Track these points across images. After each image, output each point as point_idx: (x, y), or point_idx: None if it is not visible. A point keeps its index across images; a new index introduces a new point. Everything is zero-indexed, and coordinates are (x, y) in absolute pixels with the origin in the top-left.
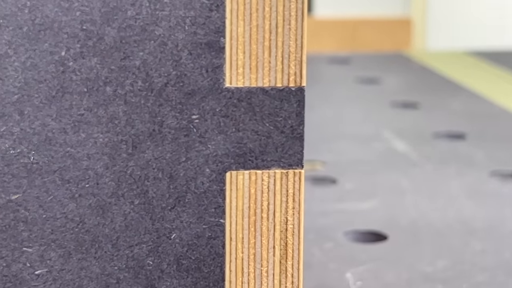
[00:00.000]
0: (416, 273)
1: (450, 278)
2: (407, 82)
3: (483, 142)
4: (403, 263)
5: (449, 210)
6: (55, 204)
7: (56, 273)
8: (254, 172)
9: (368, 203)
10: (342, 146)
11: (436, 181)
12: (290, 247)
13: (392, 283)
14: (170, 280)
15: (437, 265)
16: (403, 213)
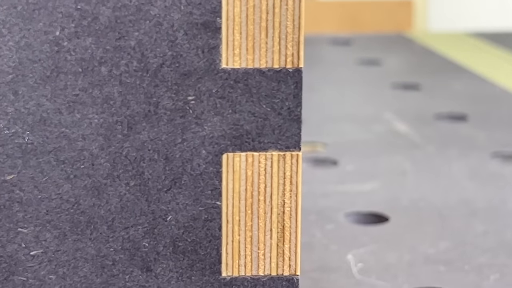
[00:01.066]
0: (418, 255)
1: (452, 259)
2: (408, 64)
3: (484, 124)
4: (404, 244)
5: (451, 192)
6: (50, 185)
7: (51, 254)
8: (251, 154)
9: (369, 185)
10: (343, 127)
11: (437, 163)
12: (288, 230)
13: (394, 265)
14: (166, 262)
15: (439, 247)
16: (405, 195)
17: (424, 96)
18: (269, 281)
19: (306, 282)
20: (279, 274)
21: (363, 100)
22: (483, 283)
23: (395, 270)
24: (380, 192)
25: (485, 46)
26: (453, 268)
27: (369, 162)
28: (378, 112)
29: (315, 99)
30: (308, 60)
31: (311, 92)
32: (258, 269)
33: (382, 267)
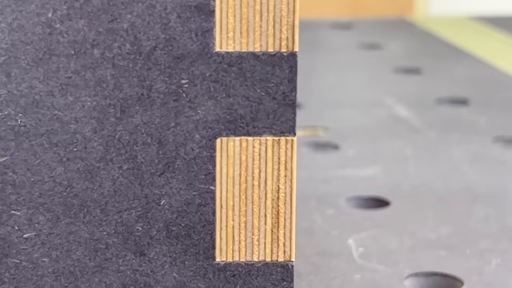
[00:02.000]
0: (419, 240)
1: (453, 244)
2: (409, 48)
3: (486, 108)
4: (405, 229)
5: (452, 177)
6: (43, 168)
7: (44, 237)
8: (245, 139)
9: (370, 169)
10: (344, 112)
11: (439, 147)
12: (282, 215)
13: (395, 250)
14: (159, 246)
15: (440, 232)
16: (406, 180)
17: (425, 81)
18: (264, 267)
19: (307, 267)
20: (273, 260)
21: (364, 84)
22: (485, 268)
23: (396, 255)
24: (381, 176)
25: (487, 30)
26: (454, 253)
27: (370, 146)
28: (379, 97)
29: (316, 84)
30: (309, 45)
31: (312, 77)
32: (253, 255)
33: (383, 252)
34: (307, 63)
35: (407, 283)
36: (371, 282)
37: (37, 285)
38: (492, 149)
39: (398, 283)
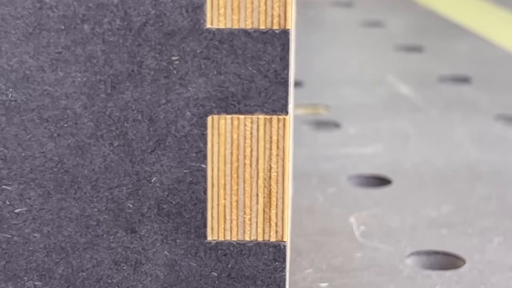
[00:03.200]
0: (421, 218)
1: (455, 223)
2: (411, 25)
3: (488, 86)
4: (407, 208)
5: (454, 155)
6: (33, 143)
7: (35, 212)
8: (237, 117)
9: (371, 148)
10: (345, 90)
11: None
12: (274, 195)
13: (396, 228)
14: (150, 224)
15: (442, 210)
16: (407, 158)
17: (427, 58)
18: (256, 246)
19: (308, 245)
20: (265, 240)
21: (366, 62)
22: (487, 246)
23: (398, 233)
24: (382, 155)
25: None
26: (456, 232)
27: (371, 125)
28: (380, 75)
29: (317, 61)
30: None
31: (313, 54)
32: (244, 234)
33: (384, 230)
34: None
35: (409, 262)
36: (372, 260)
37: (28, 261)
38: (494, 127)
39: (400, 261)
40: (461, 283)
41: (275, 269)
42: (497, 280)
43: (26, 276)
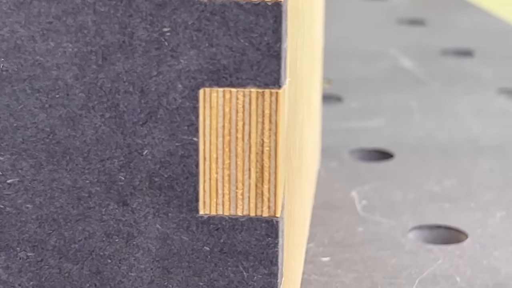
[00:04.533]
0: (423, 192)
1: (457, 197)
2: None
3: (491, 59)
4: (409, 182)
5: (457, 129)
6: (25, 114)
7: (27, 183)
8: (229, 90)
9: (374, 121)
10: (348, 64)
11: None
12: (267, 170)
13: (398, 202)
14: (142, 197)
15: (444, 184)
16: (410, 132)
17: (429, 32)
18: (248, 221)
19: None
20: (258, 215)
21: (368, 36)
22: (489, 220)
23: (400, 207)
24: (385, 129)
25: None
26: (458, 206)
27: (373, 98)
28: (383, 48)
29: None
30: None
31: None
32: (237, 209)
33: (386, 204)
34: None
35: (411, 236)
36: (374, 234)
37: (21, 231)
38: (496, 100)
39: (402, 235)
40: (463, 257)
41: (268, 245)
42: (500, 254)
43: (18, 246)
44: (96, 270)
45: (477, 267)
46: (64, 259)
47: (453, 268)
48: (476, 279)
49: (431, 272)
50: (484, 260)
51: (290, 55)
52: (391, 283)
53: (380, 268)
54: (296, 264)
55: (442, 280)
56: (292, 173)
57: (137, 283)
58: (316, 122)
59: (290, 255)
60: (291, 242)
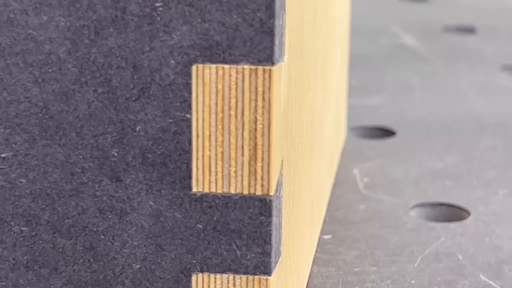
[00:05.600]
0: (425, 170)
1: (460, 174)
2: None
3: (493, 36)
4: (411, 159)
5: (459, 106)
6: (18, 88)
7: (21, 158)
8: (222, 67)
9: (375, 99)
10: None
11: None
12: (260, 148)
13: (400, 180)
14: (135, 173)
15: (447, 162)
16: (412, 109)
17: (432, 8)
18: (241, 200)
19: None
20: (251, 193)
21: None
22: (492, 198)
23: (402, 185)
24: (386, 106)
25: None
26: (461, 183)
27: (375, 76)
28: (384, 25)
29: None
30: None
31: None
32: (230, 187)
33: (388, 182)
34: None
35: (413, 214)
36: (376, 212)
37: (15, 206)
38: (499, 77)
39: (404, 213)
40: (465, 235)
41: (261, 224)
42: (502, 231)
43: (12, 221)
44: (89, 246)
45: (480, 245)
46: (58, 234)
47: (455, 246)
48: (479, 256)
49: (433, 250)
50: (487, 238)
51: (291, 31)
52: (393, 260)
53: (382, 245)
54: (302, 243)
55: (444, 258)
56: (296, 152)
57: (130, 259)
58: (338, 100)
59: (291, 234)
60: (294, 221)
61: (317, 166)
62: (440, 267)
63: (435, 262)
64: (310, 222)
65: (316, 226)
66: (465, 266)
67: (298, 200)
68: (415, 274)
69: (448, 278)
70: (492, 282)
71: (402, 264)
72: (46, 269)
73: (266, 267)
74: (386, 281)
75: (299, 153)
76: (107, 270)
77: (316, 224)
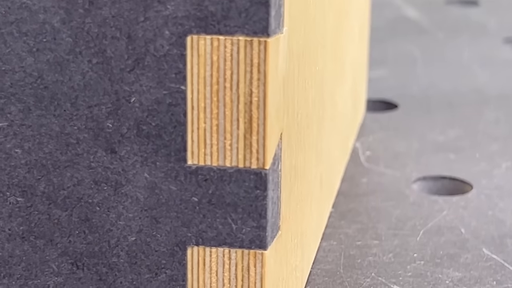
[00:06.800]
0: (427, 143)
1: (462, 147)
2: None
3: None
4: (414, 132)
5: (462, 78)
6: (13, 57)
7: (16, 128)
8: (217, 38)
9: (378, 72)
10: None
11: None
12: (255, 121)
13: (403, 153)
14: (130, 145)
15: (449, 134)
16: (414, 82)
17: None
18: (236, 173)
19: None
20: (246, 166)
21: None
22: (495, 171)
23: (404, 158)
24: (389, 79)
25: None
26: (463, 157)
27: (377, 48)
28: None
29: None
30: None
31: None
32: (225, 160)
33: (390, 155)
34: None
35: (415, 187)
36: (378, 185)
37: (10, 176)
38: (502, 50)
39: (406, 186)
40: (468, 208)
41: (257, 197)
42: (505, 205)
43: (8, 191)
44: (85, 218)
45: (482, 218)
46: (53, 205)
47: (457, 220)
48: (481, 230)
49: (436, 223)
50: (489, 211)
51: (293, 3)
52: (395, 234)
53: (384, 219)
54: (308, 218)
55: (446, 231)
56: (299, 126)
57: (126, 231)
58: (356, 74)
59: (294, 208)
60: (297, 195)
61: (328, 140)
62: (442, 240)
63: (437, 235)
64: (318, 196)
65: (326, 200)
66: (467, 240)
67: (302, 174)
68: (417, 247)
69: (450, 251)
70: (495, 256)
71: (404, 237)
72: (42, 240)
73: (262, 241)
74: (388, 254)
75: (303, 126)
76: (102, 242)
77: (327, 199)
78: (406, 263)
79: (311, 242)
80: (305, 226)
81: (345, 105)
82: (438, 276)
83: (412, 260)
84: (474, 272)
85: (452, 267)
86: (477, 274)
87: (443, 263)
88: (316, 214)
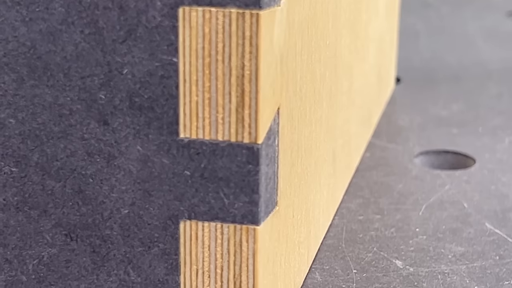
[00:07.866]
0: (430, 117)
1: (465, 121)
2: None
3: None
4: (416, 106)
5: (465, 52)
6: (6, 26)
7: (10, 98)
8: (209, 10)
9: None
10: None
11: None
12: (247, 95)
13: (405, 127)
14: (122, 117)
15: (452, 108)
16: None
17: None
18: (229, 147)
19: None
20: (238, 140)
21: None
22: (497, 145)
23: (407, 132)
24: None
25: None
26: (466, 131)
27: None
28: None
29: None
30: None
31: None
32: (217, 134)
33: (393, 129)
34: None
35: (418, 161)
36: (380, 160)
37: (4, 146)
38: (506, 24)
39: (408, 161)
40: (471, 182)
41: (249, 172)
42: (508, 179)
43: (2, 161)
44: (78, 189)
45: (485, 193)
46: (47, 176)
47: (460, 194)
48: (484, 204)
49: (438, 197)
50: (492, 186)
51: None
52: (397, 208)
53: (386, 193)
54: (316, 195)
55: (449, 206)
56: (302, 100)
57: (119, 204)
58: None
59: (296, 185)
60: (300, 171)
61: (342, 115)
62: (445, 215)
63: (440, 210)
64: (330, 173)
65: (341, 177)
66: (470, 214)
67: (308, 150)
68: (420, 222)
69: (453, 226)
70: (497, 231)
71: (407, 212)
72: (36, 211)
73: (254, 216)
74: (390, 229)
75: (310, 101)
76: (95, 214)
77: (341, 175)
78: (408, 237)
79: (320, 218)
80: (312, 203)
81: (366, 81)
82: (441, 250)
83: (414, 234)
84: (477, 247)
85: (455, 242)
86: (479, 249)
87: (445, 237)
88: (326, 191)
